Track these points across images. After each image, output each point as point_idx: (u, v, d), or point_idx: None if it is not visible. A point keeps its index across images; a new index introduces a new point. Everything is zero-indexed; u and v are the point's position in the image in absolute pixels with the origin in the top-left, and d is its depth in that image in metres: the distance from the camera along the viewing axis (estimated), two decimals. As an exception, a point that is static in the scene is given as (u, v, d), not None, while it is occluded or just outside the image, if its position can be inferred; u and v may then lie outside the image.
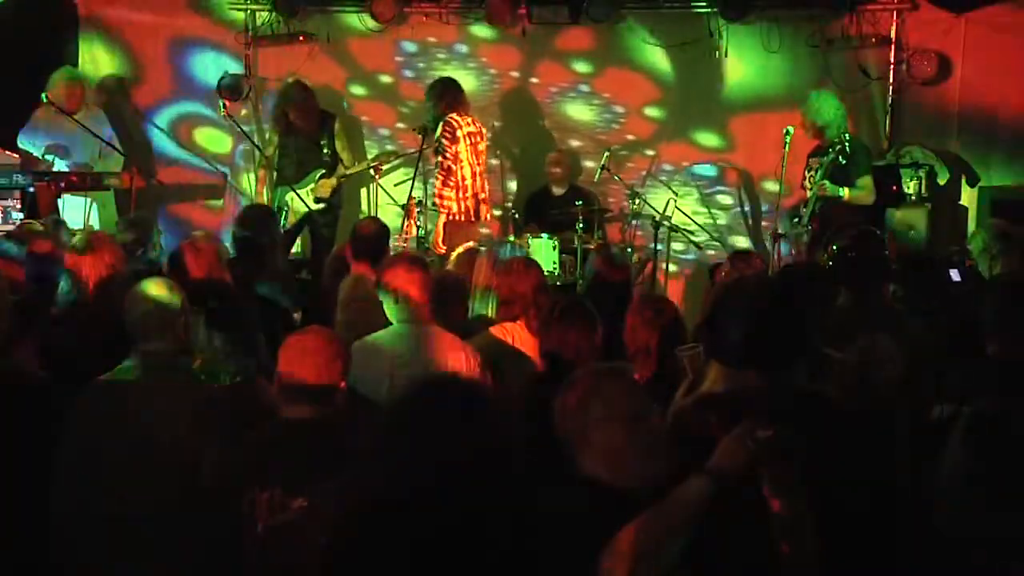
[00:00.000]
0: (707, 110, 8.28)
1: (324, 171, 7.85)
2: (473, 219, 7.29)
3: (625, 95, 8.39)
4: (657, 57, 8.25)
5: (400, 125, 8.55)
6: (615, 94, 8.40)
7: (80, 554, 3.26)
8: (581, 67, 8.42)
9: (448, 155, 7.08)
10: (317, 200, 7.72)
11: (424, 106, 7.49)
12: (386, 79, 8.65)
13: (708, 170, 8.32)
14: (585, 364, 3.28)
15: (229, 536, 2.94)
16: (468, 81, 8.15)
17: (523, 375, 4.13)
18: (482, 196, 7.34)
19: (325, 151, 7.88)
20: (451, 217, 7.17)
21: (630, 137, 8.39)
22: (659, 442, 2.55)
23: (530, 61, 8.46)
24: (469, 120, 7.26)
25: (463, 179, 7.17)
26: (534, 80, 8.50)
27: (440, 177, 7.14)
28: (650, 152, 8.37)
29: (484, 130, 7.45)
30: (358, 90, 8.70)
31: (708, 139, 8.33)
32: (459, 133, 7.10)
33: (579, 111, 8.48)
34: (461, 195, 7.19)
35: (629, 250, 7.49)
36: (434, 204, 7.20)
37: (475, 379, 3.56)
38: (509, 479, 2.36)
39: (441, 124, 7.13)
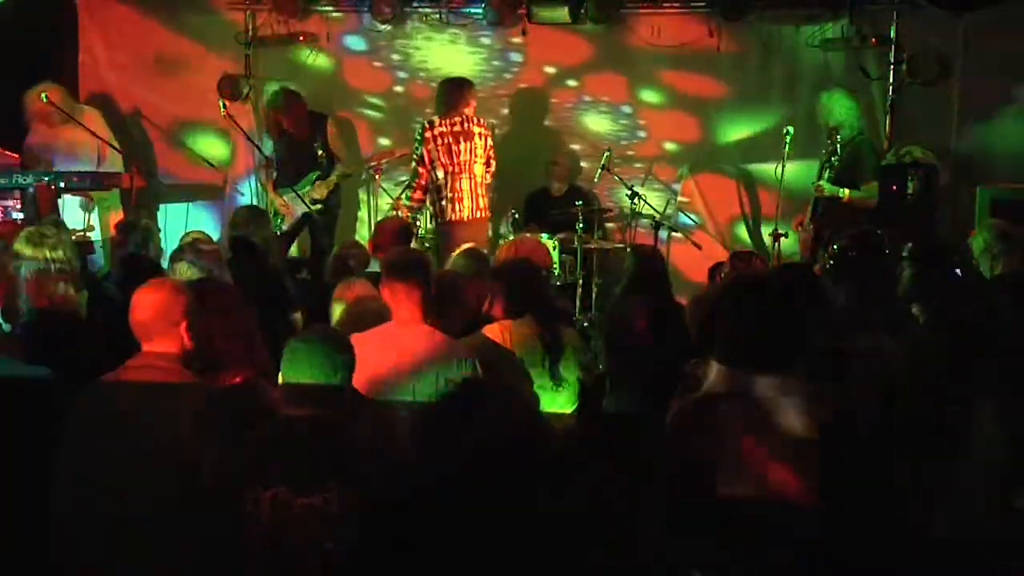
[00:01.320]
0: (707, 111, 8.30)
1: (319, 173, 7.84)
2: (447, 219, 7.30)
3: (624, 100, 8.42)
4: (656, 58, 8.26)
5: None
6: (616, 97, 8.43)
7: (80, 554, 3.25)
8: (580, 66, 8.43)
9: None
10: (313, 202, 7.71)
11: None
12: (386, 78, 8.65)
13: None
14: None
15: (229, 536, 2.94)
16: (470, 76, 8.19)
17: (513, 376, 4.13)
18: (450, 196, 7.22)
19: (319, 153, 7.87)
20: (445, 219, 7.23)
21: (631, 153, 8.41)
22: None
23: (531, 59, 8.48)
24: (453, 121, 7.22)
25: (435, 180, 7.20)
26: (536, 80, 8.53)
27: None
28: (639, 165, 8.39)
29: (477, 128, 7.35)
30: (358, 90, 8.70)
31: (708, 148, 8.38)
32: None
33: (581, 114, 8.50)
34: (436, 196, 7.23)
35: (629, 250, 7.49)
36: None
37: (479, 379, 3.57)
38: (510, 480, 2.36)
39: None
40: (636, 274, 5.23)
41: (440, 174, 7.16)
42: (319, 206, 7.75)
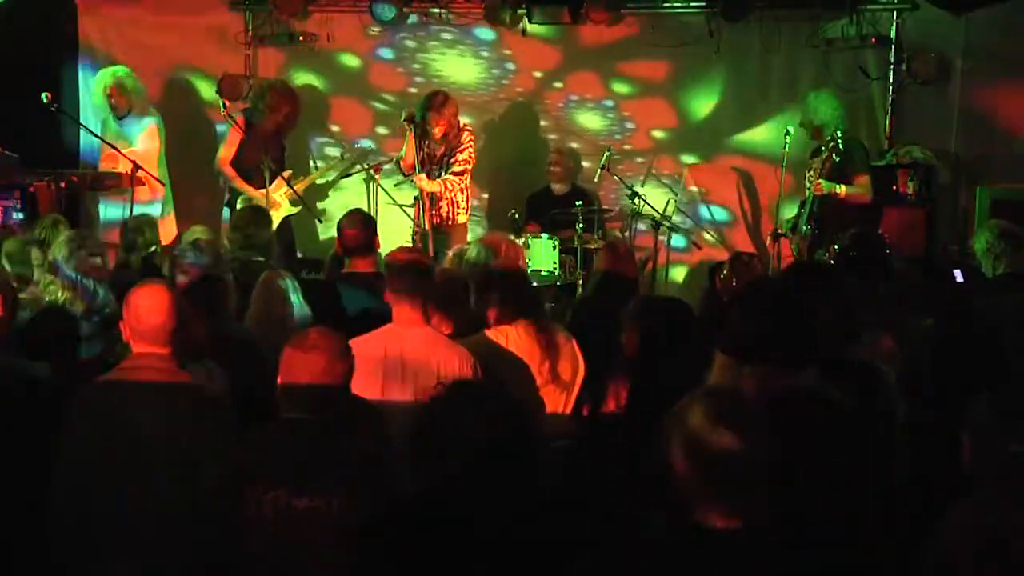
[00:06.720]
0: (708, 110, 8.30)
1: (287, 172, 7.66)
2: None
3: (628, 102, 8.42)
4: (657, 58, 8.26)
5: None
6: (616, 98, 8.43)
7: (80, 554, 3.26)
8: (582, 66, 8.44)
9: (471, 163, 7.40)
10: (292, 203, 7.65)
11: (422, 111, 7.53)
12: (385, 79, 8.65)
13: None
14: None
15: (230, 537, 2.94)
16: (469, 79, 8.21)
17: (517, 378, 4.13)
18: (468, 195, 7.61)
19: (285, 153, 7.81)
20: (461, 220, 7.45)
21: (627, 147, 8.43)
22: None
23: (532, 61, 8.48)
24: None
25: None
26: (535, 78, 8.53)
27: (463, 185, 7.40)
28: (640, 160, 8.41)
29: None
30: (357, 90, 8.71)
31: (707, 147, 8.38)
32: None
33: (582, 114, 8.50)
34: (465, 195, 7.47)
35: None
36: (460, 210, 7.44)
37: (474, 381, 3.57)
38: (506, 478, 2.38)
39: (465, 135, 7.39)
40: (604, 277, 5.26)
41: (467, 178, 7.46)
42: (299, 207, 7.66)
